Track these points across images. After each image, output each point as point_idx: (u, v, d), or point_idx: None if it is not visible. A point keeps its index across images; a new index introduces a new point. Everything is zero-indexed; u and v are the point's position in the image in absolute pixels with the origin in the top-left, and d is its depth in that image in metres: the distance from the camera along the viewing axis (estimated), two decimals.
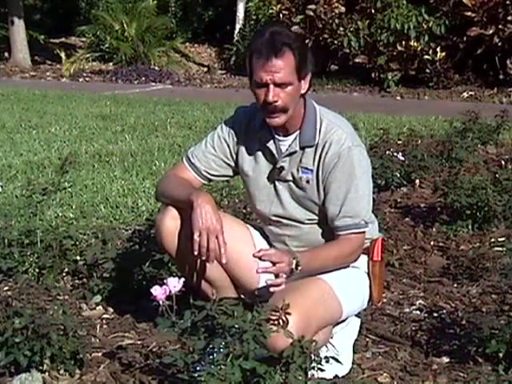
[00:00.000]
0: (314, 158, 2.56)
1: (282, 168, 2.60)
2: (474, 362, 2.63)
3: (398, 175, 5.10)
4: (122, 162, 6.22)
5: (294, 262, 2.38)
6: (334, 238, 2.59)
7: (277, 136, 2.60)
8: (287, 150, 2.59)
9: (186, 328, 2.22)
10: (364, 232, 2.57)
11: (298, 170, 2.58)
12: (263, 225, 2.76)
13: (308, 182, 2.57)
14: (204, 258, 2.46)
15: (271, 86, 2.43)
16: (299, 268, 2.39)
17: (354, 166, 2.52)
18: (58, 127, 8.14)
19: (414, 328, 2.97)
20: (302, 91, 2.53)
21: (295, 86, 2.47)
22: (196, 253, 2.45)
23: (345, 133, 2.55)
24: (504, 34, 11.42)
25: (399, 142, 6.26)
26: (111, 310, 3.18)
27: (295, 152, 2.58)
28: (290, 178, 2.60)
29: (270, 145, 2.60)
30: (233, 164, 2.72)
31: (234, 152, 2.70)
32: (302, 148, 2.56)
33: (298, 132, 2.57)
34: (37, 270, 3.41)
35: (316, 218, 2.62)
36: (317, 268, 2.51)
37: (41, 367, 2.49)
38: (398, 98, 11.68)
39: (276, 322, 2.23)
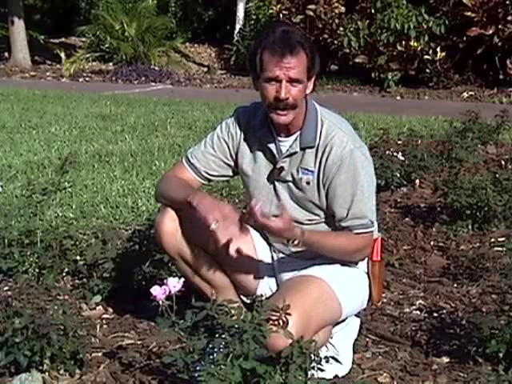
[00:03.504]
0: (316, 160, 2.55)
1: (282, 168, 2.60)
2: (474, 362, 2.62)
3: (398, 175, 5.10)
4: (122, 162, 6.22)
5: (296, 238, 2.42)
6: None
7: (278, 136, 2.60)
8: (287, 150, 2.58)
9: (186, 328, 2.22)
10: (371, 231, 2.58)
11: (298, 171, 2.58)
12: None
13: (308, 183, 2.57)
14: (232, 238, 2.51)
15: (284, 83, 2.44)
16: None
17: (357, 168, 2.52)
18: (58, 127, 8.14)
19: (414, 328, 2.97)
20: (308, 91, 2.54)
21: (304, 84, 2.49)
22: (224, 241, 2.51)
23: (346, 135, 2.55)
24: (504, 34, 11.43)
25: (399, 142, 6.26)
26: (111, 310, 3.18)
27: (295, 153, 2.57)
28: (290, 178, 2.60)
29: (271, 145, 2.60)
30: (232, 164, 2.71)
31: (233, 152, 2.69)
32: (303, 149, 2.56)
33: (298, 133, 2.57)
34: (37, 270, 3.41)
35: (315, 218, 2.61)
36: (322, 248, 2.53)
37: (41, 367, 2.49)
38: (398, 97, 11.68)
39: (276, 322, 2.23)
